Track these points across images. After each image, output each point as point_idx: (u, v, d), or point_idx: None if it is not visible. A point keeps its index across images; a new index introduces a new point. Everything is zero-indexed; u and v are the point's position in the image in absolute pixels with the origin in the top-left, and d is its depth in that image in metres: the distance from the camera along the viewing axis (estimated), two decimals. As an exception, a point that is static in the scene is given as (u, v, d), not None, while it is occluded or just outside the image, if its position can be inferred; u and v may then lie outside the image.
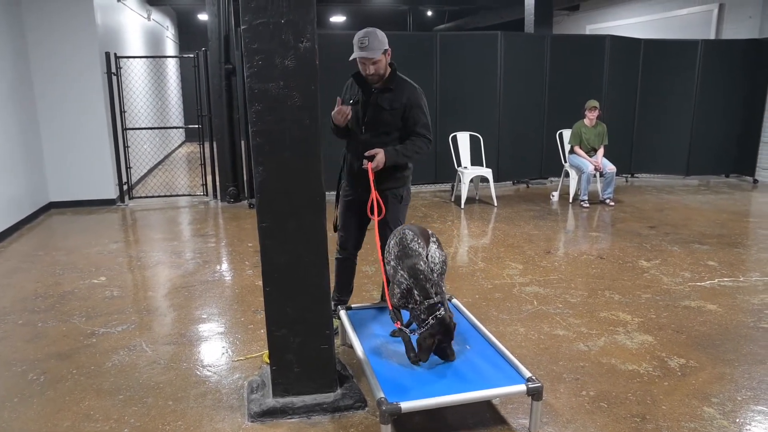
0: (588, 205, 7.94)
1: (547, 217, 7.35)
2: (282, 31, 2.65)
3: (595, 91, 9.27)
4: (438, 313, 2.87)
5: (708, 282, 5.02)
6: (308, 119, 2.76)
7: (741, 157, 10.26)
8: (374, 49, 3.40)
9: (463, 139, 8.26)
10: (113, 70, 7.99)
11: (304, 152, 2.79)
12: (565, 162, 8.47)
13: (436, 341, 2.89)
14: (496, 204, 8.00)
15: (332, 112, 3.53)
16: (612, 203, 8.04)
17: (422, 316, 2.89)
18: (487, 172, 7.97)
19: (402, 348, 3.12)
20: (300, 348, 2.96)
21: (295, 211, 2.82)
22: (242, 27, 2.64)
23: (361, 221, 3.84)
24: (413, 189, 5.93)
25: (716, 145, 10.06)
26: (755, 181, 10.09)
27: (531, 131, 9.22)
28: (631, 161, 10.11)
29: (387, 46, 3.49)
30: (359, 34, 3.40)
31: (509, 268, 5.37)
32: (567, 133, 8.49)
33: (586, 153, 8.09)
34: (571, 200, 8.21)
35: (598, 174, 8.07)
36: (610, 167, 7.96)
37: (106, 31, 8.34)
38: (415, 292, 2.92)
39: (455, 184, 8.33)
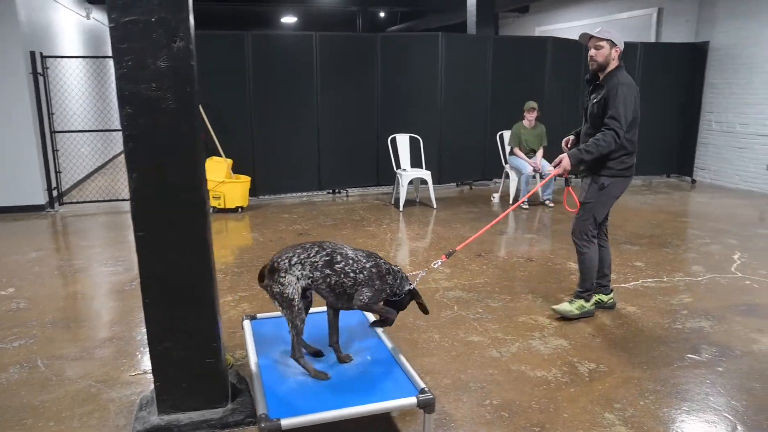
0: (528, 206, 7.94)
1: (485, 219, 7.31)
2: (153, 29, 2.51)
3: (537, 93, 9.29)
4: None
5: (632, 283, 5.02)
6: (185, 123, 2.62)
7: (681, 157, 10.43)
8: (600, 33, 3.96)
9: (403, 140, 8.18)
10: (39, 70, 7.68)
11: (182, 158, 2.65)
12: (506, 163, 8.46)
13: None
14: (435, 206, 7.94)
15: None
16: (552, 204, 8.05)
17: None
18: (426, 174, 7.91)
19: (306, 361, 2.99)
20: (185, 362, 2.82)
21: (173, 219, 2.68)
22: (110, 25, 2.49)
23: None
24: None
25: (657, 147, 10.20)
26: (693, 181, 10.26)
27: (474, 132, 9.19)
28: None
29: (616, 40, 3.95)
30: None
31: (436, 272, 5.29)
32: (507, 135, 8.48)
33: (526, 154, 8.09)
34: (511, 202, 8.20)
35: (538, 175, 8.07)
36: (549, 168, 7.96)
37: (33, 29, 8.03)
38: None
39: (395, 186, 8.25)
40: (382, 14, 16.96)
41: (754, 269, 5.40)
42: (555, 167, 4.07)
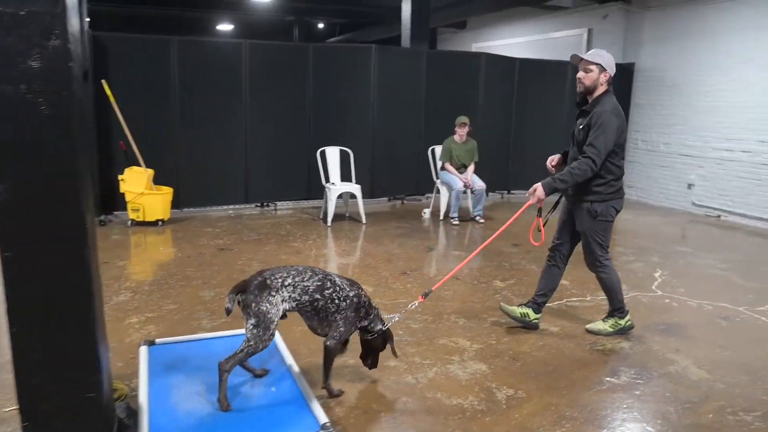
0: (458, 222, 7.87)
1: (414, 235, 7.20)
2: (22, 24, 2.23)
3: (471, 108, 9.29)
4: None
5: (556, 303, 4.96)
6: (61, 131, 2.35)
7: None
8: (591, 56, 3.96)
9: (333, 154, 7.99)
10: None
11: (58, 169, 2.37)
12: (437, 178, 8.38)
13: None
14: (364, 221, 7.77)
15: None
16: (482, 220, 8.01)
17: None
18: (355, 189, 7.74)
19: (203, 389, 2.75)
20: (59, 398, 2.52)
21: (47, 237, 2.39)
22: (-30, 18, 2.21)
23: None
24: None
25: (586, 164, 10.37)
26: (621, 199, 10.47)
27: (407, 146, 9.08)
28: (507, 177, 10.23)
29: (606, 64, 3.93)
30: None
31: (359, 290, 5.10)
32: (439, 149, 8.41)
33: (457, 169, 8.04)
34: (442, 217, 8.12)
35: (469, 191, 8.01)
36: (479, 184, 7.94)
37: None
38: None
39: (324, 200, 8.04)
40: (321, 25, 16.80)
41: (673, 287, 5.45)
42: (529, 196, 3.99)
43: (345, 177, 8.06)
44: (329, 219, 7.61)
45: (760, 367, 3.86)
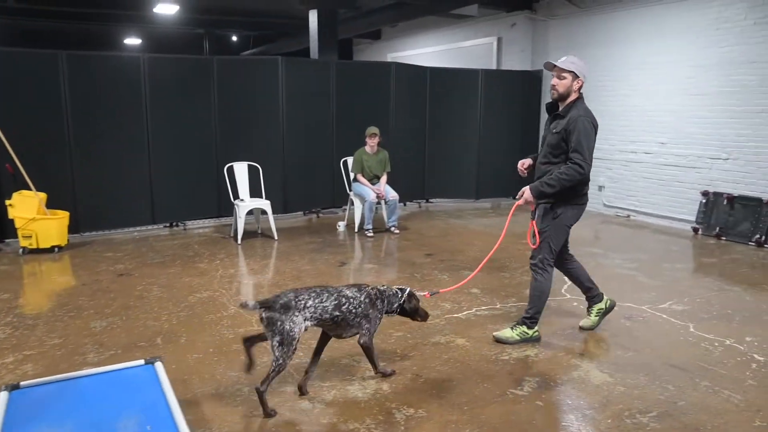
0: (372, 234, 7.75)
1: (326, 250, 7.02)
2: None
3: (383, 118, 9.24)
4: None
5: (465, 312, 4.90)
6: None
7: (526, 179, 10.77)
8: (564, 63, 3.99)
9: (241, 169, 7.73)
10: None
11: None
12: (350, 191, 8.25)
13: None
14: (276, 238, 7.53)
15: None
16: (397, 231, 7.93)
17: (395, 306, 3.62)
18: (265, 204, 7.50)
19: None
20: None
21: None
22: None
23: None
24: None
25: (502, 169, 10.45)
26: (536, 203, 10.65)
27: (320, 159, 8.91)
28: (424, 187, 10.22)
29: (579, 71, 3.97)
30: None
31: (253, 315, 4.87)
32: (351, 161, 8.29)
33: (370, 180, 7.93)
34: (356, 230, 7.98)
35: (383, 202, 7.92)
36: (392, 195, 7.86)
37: None
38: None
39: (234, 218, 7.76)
40: (234, 38, 16.43)
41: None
42: (517, 199, 4.05)
43: (255, 193, 7.81)
44: (239, 237, 7.34)
45: (658, 366, 3.90)
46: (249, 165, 7.79)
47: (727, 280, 5.93)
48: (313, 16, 9.69)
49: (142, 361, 3.35)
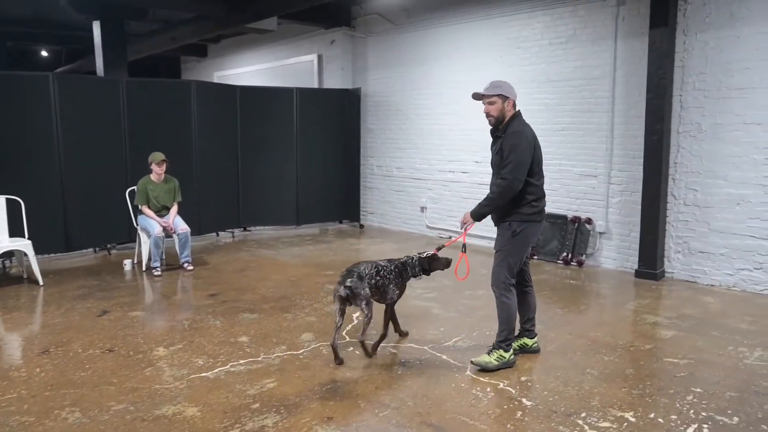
0: (160, 272, 6.85)
1: (95, 296, 6.03)
2: None
3: (185, 142, 8.40)
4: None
5: (218, 369, 4.18)
6: None
7: (349, 203, 10.35)
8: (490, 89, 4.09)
9: (-4, 204, 6.55)
10: None
11: None
12: (136, 224, 7.29)
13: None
14: (41, 283, 6.43)
15: None
16: (191, 267, 7.08)
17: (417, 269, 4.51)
18: (24, 245, 6.38)
19: None
20: None
21: None
22: None
23: None
24: None
25: (324, 193, 9.98)
26: (361, 226, 10.24)
27: (111, 188, 7.77)
28: (239, 214, 9.45)
29: (506, 93, 4.06)
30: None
31: (-46, 390, 3.88)
32: (137, 191, 7.35)
33: (158, 212, 7.05)
34: (144, 268, 7.04)
35: (175, 235, 7.05)
36: (182, 227, 7.02)
37: None
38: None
39: (-8, 261, 6.56)
40: (44, 53, 14.78)
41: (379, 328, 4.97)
42: (462, 228, 4.26)
43: (15, 231, 6.63)
44: (-12, 285, 6.18)
45: (414, 426, 3.40)
46: (7, 199, 6.61)
47: (522, 307, 5.68)
48: (96, 30, 8.63)
49: None
